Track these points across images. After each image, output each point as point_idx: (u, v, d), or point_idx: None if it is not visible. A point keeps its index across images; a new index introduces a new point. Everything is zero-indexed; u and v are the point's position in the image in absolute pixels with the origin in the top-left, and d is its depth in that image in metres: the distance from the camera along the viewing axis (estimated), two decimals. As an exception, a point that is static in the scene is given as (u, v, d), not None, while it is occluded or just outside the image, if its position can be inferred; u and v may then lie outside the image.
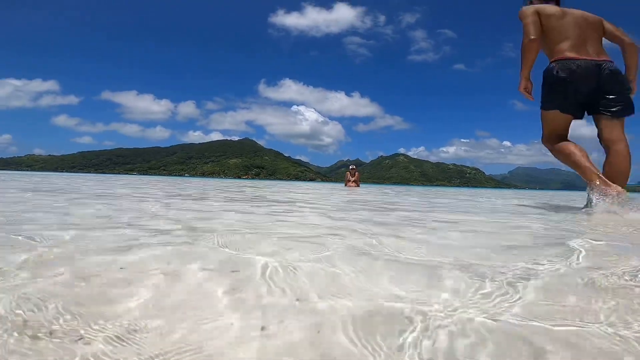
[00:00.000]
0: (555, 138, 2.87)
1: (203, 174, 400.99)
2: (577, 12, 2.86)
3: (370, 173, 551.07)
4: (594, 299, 0.61)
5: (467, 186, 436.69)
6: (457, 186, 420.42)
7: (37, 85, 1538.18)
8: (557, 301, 0.61)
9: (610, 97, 2.65)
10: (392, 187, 15.13)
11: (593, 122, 2.80)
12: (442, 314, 0.53)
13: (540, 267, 0.83)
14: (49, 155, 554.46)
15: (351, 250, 0.99)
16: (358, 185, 11.24)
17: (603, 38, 2.85)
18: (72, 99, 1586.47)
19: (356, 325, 0.49)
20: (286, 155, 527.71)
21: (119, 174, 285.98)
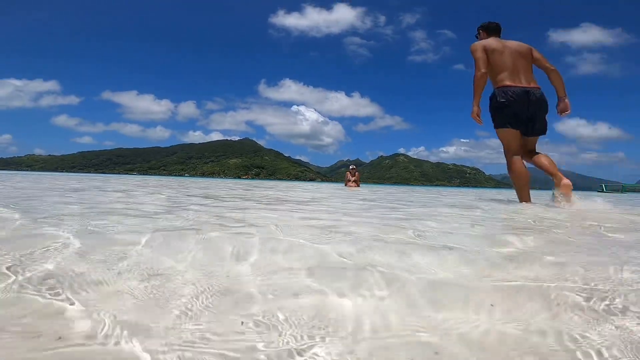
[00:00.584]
0: (514, 150, 3.37)
1: (203, 174, 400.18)
2: (513, 44, 3.39)
3: (370, 173, 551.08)
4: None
5: (467, 186, 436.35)
6: (457, 186, 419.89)
7: (38, 85, 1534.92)
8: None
9: (535, 120, 3.32)
10: (395, 188, 14.29)
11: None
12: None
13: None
14: (49, 155, 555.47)
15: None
16: (358, 185, 11.34)
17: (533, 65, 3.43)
18: (73, 99, 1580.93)
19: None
20: (286, 155, 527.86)
21: (119, 174, 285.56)
